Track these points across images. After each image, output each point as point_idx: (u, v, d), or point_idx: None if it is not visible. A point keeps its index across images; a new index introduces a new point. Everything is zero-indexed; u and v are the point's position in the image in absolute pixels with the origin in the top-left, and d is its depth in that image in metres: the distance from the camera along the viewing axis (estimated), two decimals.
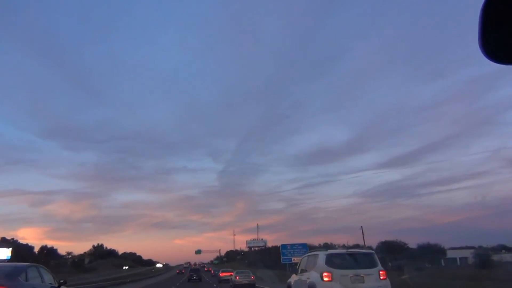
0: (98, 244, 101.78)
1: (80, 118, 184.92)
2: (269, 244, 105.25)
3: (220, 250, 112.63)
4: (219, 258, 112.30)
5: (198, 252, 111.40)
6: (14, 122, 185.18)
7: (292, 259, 49.29)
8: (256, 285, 32.94)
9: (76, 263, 79.81)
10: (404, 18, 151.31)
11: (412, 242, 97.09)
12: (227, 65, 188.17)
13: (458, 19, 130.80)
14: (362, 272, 12.39)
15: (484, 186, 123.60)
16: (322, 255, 12.94)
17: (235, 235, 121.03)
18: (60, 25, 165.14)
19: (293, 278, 15.37)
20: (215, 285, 39.91)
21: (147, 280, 56.00)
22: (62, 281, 11.60)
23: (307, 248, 50.18)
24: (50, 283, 10.74)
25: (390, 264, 53.67)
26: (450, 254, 73.14)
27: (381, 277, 12.50)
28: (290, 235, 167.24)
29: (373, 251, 14.05)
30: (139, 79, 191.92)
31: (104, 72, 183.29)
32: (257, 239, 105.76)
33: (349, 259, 12.93)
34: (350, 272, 12.27)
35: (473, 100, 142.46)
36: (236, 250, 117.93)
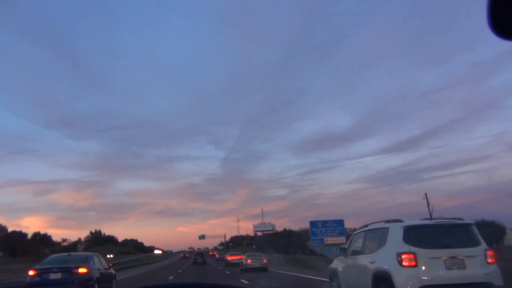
0: (96, 230, 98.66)
1: (82, 107, 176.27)
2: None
3: (225, 234, 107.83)
4: (224, 243, 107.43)
5: (202, 237, 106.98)
6: (16, 112, 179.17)
7: (325, 240, 42.69)
8: (269, 269, 30.51)
9: (67, 250, 75.85)
10: (405, 2, 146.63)
11: None
12: (229, 52, 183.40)
13: (461, 1, 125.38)
14: (461, 252, 7.81)
15: (487, 170, 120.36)
16: (396, 228, 8.31)
17: (239, 220, 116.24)
18: (60, 12, 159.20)
19: (340, 262, 10.62)
20: (219, 268, 37.51)
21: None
22: (111, 264, 16.65)
23: (343, 225, 43.92)
24: (104, 266, 14.98)
25: None
26: None
27: (489, 260, 7.88)
28: (293, 221, 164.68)
29: (472, 222, 8.95)
30: (141, 67, 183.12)
31: (106, 60, 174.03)
32: (265, 223, 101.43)
33: (439, 233, 8.38)
34: (443, 253, 7.76)
35: (476, 84, 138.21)
36: (242, 236, 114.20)
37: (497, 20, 1.66)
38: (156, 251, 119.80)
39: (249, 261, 30.70)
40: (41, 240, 79.65)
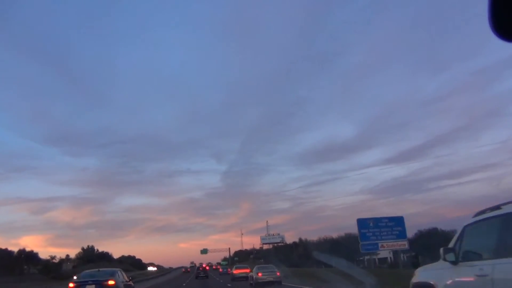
0: (88, 246, 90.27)
1: (81, 122, 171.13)
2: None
3: (229, 248, 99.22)
4: (229, 258, 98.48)
5: (204, 251, 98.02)
6: (13, 129, 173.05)
7: (380, 245, 35.32)
8: (283, 283, 28.41)
9: (49, 268, 67.05)
10: (406, 10, 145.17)
11: None
12: (229, 64, 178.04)
13: (461, 8, 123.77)
14: None
15: (495, 178, 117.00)
16: None
17: (242, 234, 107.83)
18: (59, 28, 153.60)
19: (439, 272, 6.31)
20: (229, 285, 34.73)
21: None
22: (130, 277, 20.41)
23: (403, 224, 36.13)
24: (125, 279, 18.18)
25: None
26: None
27: None
28: (297, 234, 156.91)
29: None
30: (141, 81, 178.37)
31: (105, 75, 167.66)
32: (273, 234, 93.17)
33: None
34: None
35: (480, 91, 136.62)
36: (246, 250, 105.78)
37: (499, 22, 1.64)
38: (150, 268, 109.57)
39: (260, 274, 28.52)
40: (27, 258, 70.78)
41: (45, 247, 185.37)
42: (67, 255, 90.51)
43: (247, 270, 37.29)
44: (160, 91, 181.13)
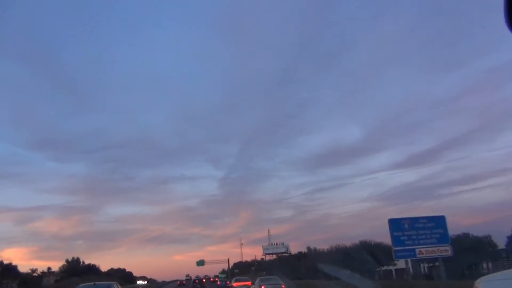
0: (73, 258, 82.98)
1: (68, 126, 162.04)
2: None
3: (228, 259, 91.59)
4: (228, 270, 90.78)
5: (201, 263, 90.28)
6: None
7: (417, 251, 29.16)
8: None
9: (27, 282, 60.32)
10: (417, 4, 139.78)
11: None
12: (226, 63, 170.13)
13: (476, 2, 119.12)
14: None
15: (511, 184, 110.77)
16: None
17: (242, 244, 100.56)
18: (44, 27, 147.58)
19: None
20: None
21: None
22: None
23: (445, 225, 29.89)
24: None
25: None
26: None
27: None
28: (301, 244, 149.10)
29: None
30: (132, 82, 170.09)
31: (94, 76, 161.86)
32: (277, 244, 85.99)
33: None
34: None
35: (495, 90, 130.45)
36: (247, 261, 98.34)
37: None
38: (140, 282, 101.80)
39: (263, 287, 28.38)
40: (4, 271, 63.58)
41: (29, 260, 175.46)
42: (49, 268, 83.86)
43: (248, 283, 36.33)
44: (153, 92, 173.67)
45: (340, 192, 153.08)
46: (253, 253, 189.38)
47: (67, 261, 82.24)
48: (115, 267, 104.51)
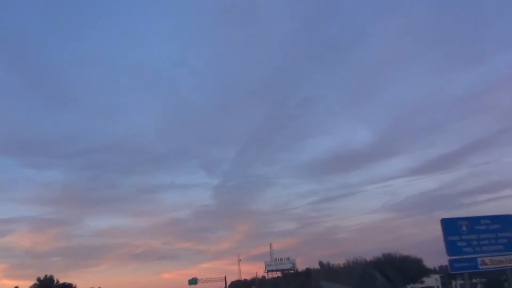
0: (46, 276, 74.10)
1: (43, 128, 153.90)
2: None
3: (225, 277, 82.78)
4: None
5: (193, 282, 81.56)
6: None
7: (480, 261, 22.94)
8: None
9: None
10: None
11: None
12: (224, 58, 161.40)
13: None
14: None
15: None
16: None
17: (240, 260, 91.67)
18: (18, 21, 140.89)
19: None
20: None
21: None
22: None
23: None
24: None
25: None
26: None
27: None
28: (305, 261, 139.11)
29: None
30: (116, 79, 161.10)
31: (73, 72, 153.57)
32: (281, 259, 77.25)
33: None
34: None
35: None
36: (245, 280, 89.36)
37: None
38: None
39: None
40: None
41: None
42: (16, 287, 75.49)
43: None
44: (140, 90, 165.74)
45: (350, 202, 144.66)
46: (252, 270, 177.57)
47: (38, 280, 74.57)
48: (95, 287, 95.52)
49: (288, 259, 78.02)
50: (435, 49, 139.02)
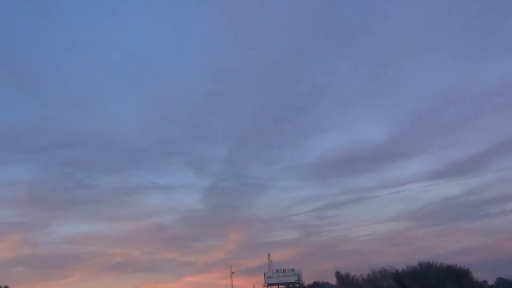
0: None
1: (7, 118, 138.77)
2: None
3: None
4: None
5: None
6: None
7: None
8: None
9: None
10: None
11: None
12: (216, 40, 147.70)
13: None
14: None
15: None
16: None
17: (233, 272, 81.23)
18: None
19: None
20: None
21: None
22: None
23: None
24: None
25: None
26: None
27: None
28: (307, 275, 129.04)
29: None
30: (92, 64, 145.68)
31: (41, 56, 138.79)
32: (284, 271, 67.42)
33: None
34: None
35: None
36: None
37: None
38: None
39: None
40: None
41: None
42: None
43: None
44: (119, 78, 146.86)
45: (360, 209, 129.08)
46: (246, 285, 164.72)
47: None
48: None
49: (292, 270, 67.19)
50: (461, 36, 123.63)
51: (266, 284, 69.94)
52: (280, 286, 69.42)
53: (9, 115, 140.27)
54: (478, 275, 54.49)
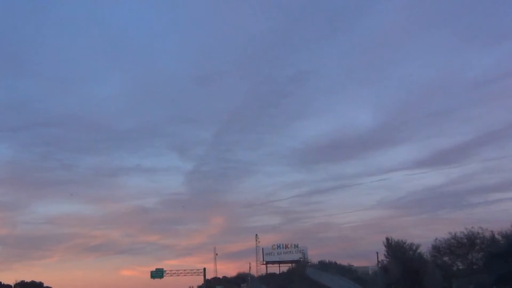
0: None
1: None
2: None
3: (205, 269, 62.86)
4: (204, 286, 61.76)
5: (158, 275, 59.83)
6: None
7: None
8: None
9: None
10: None
11: None
12: (201, 21, 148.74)
13: None
14: None
15: None
16: None
17: (217, 254, 73.07)
18: None
19: None
20: None
21: None
22: None
23: None
24: None
25: None
26: None
27: None
28: None
29: None
30: (75, 41, 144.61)
31: (22, 31, 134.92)
32: (287, 247, 59.40)
33: None
34: None
35: None
36: (224, 277, 69.94)
37: None
38: None
39: None
40: None
41: None
42: None
43: None
44: (103, 56, 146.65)
45: (343, 196, 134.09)
46: (227, 270, 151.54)
47: None
48: (44, 282, 74.29)
49: (296, 246, 59.94)
50: (452, 24, 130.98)
51: (264, 262, 61.59)
52: (280, 265, 61.42)
53: None
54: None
